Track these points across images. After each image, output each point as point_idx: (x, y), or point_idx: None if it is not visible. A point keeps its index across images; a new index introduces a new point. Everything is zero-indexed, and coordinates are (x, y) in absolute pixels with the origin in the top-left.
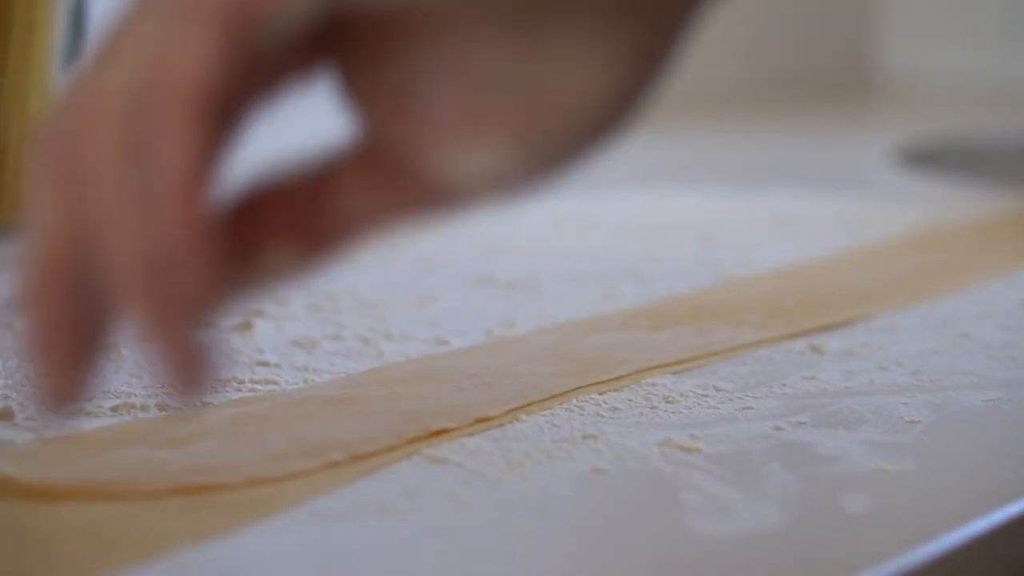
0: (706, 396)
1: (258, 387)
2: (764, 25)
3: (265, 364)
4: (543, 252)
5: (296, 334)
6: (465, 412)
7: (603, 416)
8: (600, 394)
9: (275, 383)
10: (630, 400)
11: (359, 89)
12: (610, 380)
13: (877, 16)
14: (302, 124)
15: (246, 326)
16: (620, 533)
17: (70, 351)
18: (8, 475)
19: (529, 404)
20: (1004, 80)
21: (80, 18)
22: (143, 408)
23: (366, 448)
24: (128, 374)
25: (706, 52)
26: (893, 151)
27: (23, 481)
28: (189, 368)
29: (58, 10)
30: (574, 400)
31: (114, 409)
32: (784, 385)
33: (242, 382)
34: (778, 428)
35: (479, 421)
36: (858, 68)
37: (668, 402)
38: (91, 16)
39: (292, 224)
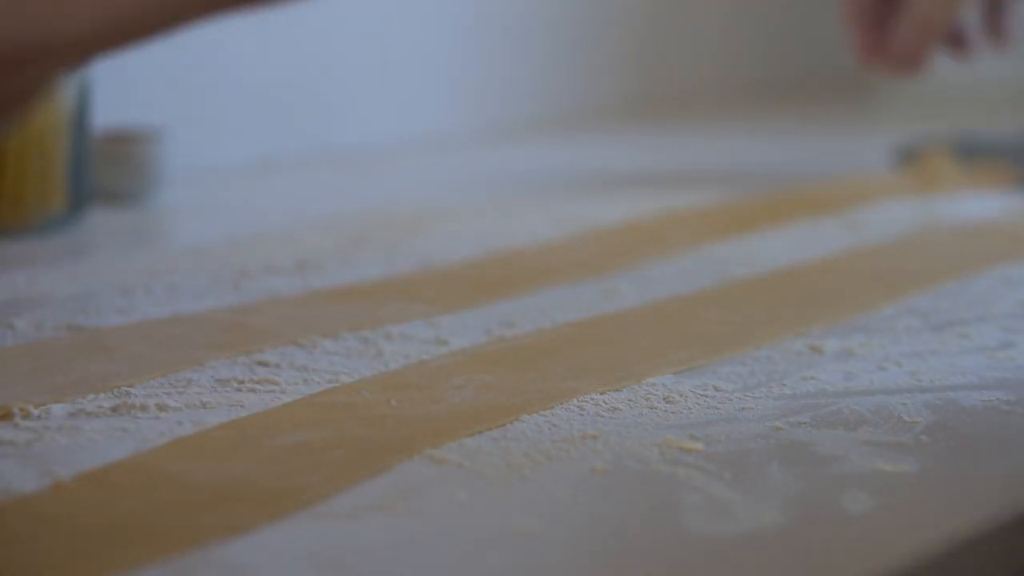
0: (706, 396)
1: (258, 387)
2: (764, 27)
3: (265, 364)
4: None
5: (296, 334)
6: (465, 412)
7: (603, 416)
8: (600, 394)
9: (275, 383)
10: (630, 400)
11: None
12: (610, 380)
13: None
14: None
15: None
16: (619, 533)
17: None
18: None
19: (529, 404)
20: (1004, 80)
21: None
22: (143, 408)
23: (369, 449)
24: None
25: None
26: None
27: None
28: None
29: None
30: (574, 400)
31: (114, 409)
32: (784, 385)
33: (242, 382)
34: (778, 428)
35: (480, 421)
36: (858, 68)
37: (668, 402)
38: None
39: None
